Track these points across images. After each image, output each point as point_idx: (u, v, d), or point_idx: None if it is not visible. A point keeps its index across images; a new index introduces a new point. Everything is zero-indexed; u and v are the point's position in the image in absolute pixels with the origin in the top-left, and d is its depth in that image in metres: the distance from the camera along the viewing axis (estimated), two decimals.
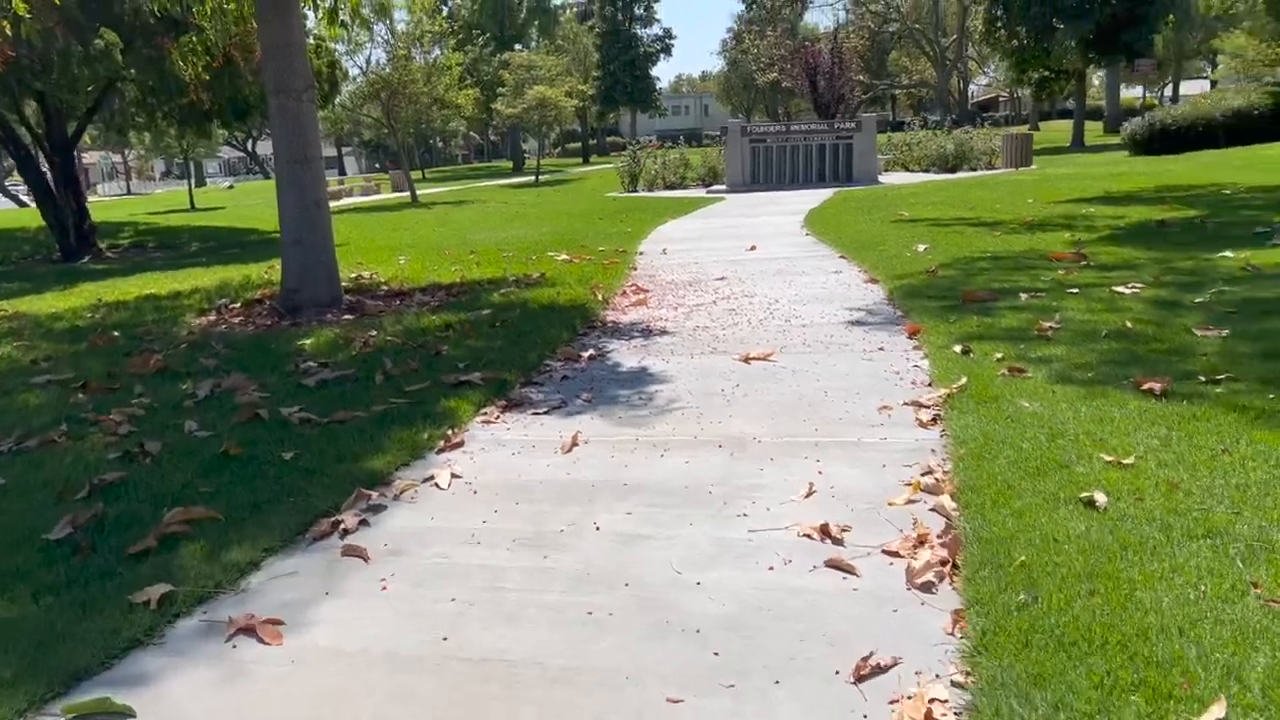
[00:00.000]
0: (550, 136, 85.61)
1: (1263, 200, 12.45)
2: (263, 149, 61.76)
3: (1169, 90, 75.32)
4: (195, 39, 12.52)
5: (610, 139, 79.79)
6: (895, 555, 3.15)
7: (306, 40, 10.76)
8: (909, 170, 26.76)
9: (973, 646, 2.51)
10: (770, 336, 6.51)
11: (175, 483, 4.15)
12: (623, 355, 6.23)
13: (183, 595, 3.11)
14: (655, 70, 69.48)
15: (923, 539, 3.22)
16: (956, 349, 5.50)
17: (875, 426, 4.45)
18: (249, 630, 2.89)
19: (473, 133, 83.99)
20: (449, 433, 4.66)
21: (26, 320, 9.34)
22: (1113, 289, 6.83)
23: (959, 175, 24.01)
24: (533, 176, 40.45)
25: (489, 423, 4.90)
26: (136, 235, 21.52)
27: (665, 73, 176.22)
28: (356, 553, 3.43)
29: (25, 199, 36.14)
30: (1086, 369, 4.90)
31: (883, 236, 11.30)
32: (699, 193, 23.79)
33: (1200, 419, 4.00)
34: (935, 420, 4.43)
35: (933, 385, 5.00)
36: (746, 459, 4.14)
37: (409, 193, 28.50)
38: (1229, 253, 8.13)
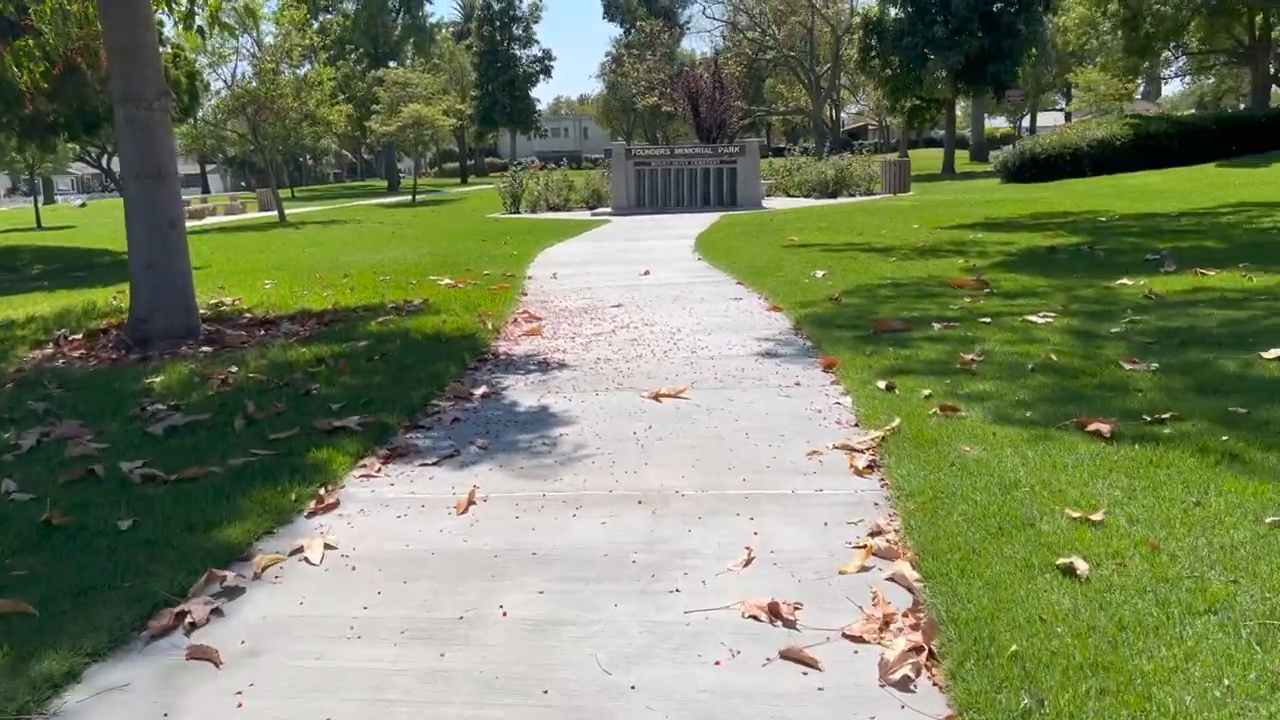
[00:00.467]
0: (427, 156, 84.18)
1: (1139, 227, 12.74)
2: (119, 164, 58.55)
3: (1026, 121, 79.20)
4: (33, 43, 11.38)
5: (489, 159, 78.93)
6: (859, 640, 2.69)
7: (162, 47, 9.87)
8: (790, 195, 26.94)
9: None
10: (678, 370, 6.05)
11: None
12: (520, 392, 5.66)
13: None
14: (535, 91, 69.17)
15: (888, 619, 2.77)
16: (880, 385, 5.14)
17: (808, 475, 4.01)
18: None
19: (345, 151, 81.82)
20: (321, 491, 4.00)
21: None
22: (1025, 318, 6.64)
23: (840, 200, 24.26)
24: (409, 196, 39.34)
25: (369, 477, 4.26)
26: None
27: (545, 94, 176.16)
28: (205, 655, 2.77)
29: None
30: (1023, 407, 4.59)
31: (777, 262, 11.04)
32: (584, 215, 23.34)
33: (1159, 465, 3.70)
34: (872, 467, 4.03)
35: (861, 426, 4.61)
36: (671, 517, 3.63)
37: (277, 212, 27.15)
38: (1127, 280, 8.10)
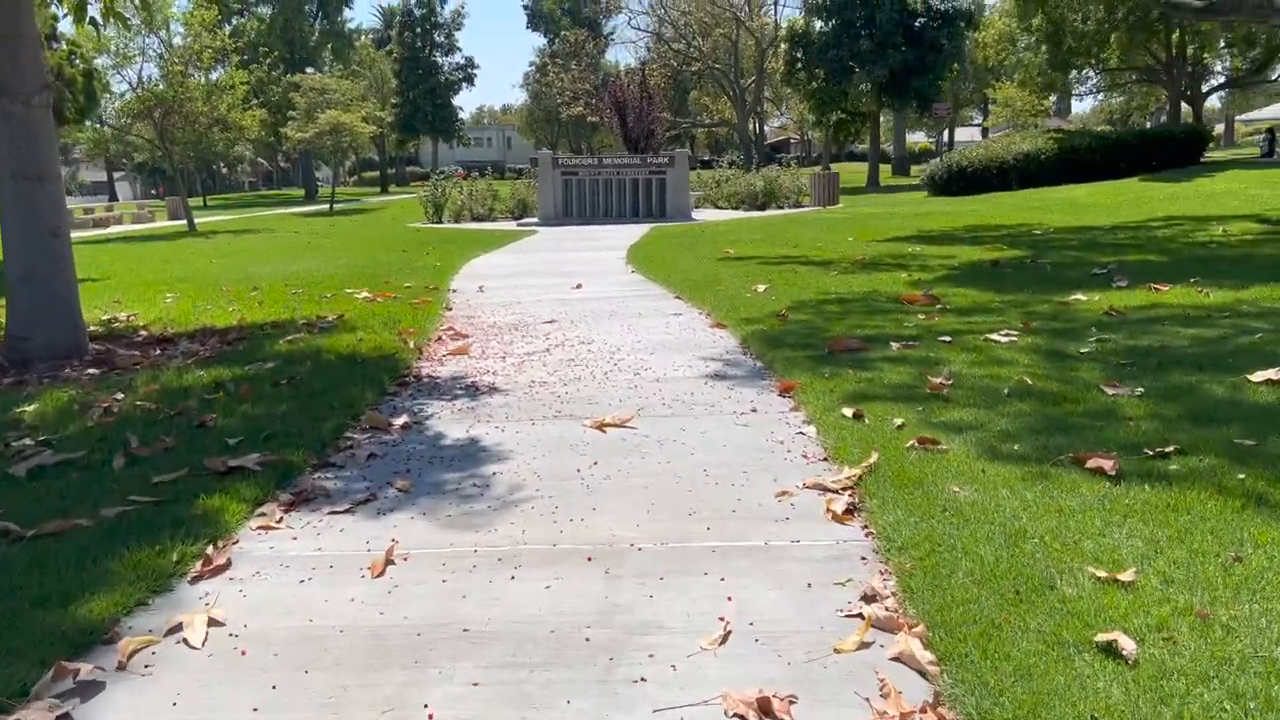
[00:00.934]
0: (346, 164, 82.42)
1: (1077, 241, 12.62)
2: None
3: (945, 136, 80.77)
4: None
5: (410, 168, 77.53)
6: None
7: (57, 43, 9.03)
8: (719, 207, 26.69)
9: None
10: (622, 394, 5.51)
11: None
12: (446, 422, 5.06)
13: None
14: (457, 99, 68.10)
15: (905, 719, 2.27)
16: (846, 412, 4.68)
17: (780, 522, 3.51)
18: None
19: (261, 158, 79.63)
20: (210, 550, 3.36)
21: None
22: (987, 337, 6.26)
23: (769, 213, 24.04)
24: (326, 205, 38.16)
25: (268, 529, 3.63)
26: None
27: (468, 103, 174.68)
28: None
29: None
30: (1008, 439, 4.16)
31: (715, 275, 10.58)
32: (509, 225, 22.71)
33: (1178, 510, 3.28)
34: (851, 512, 3.54)
35: (831, 461, 4.13)
36: (627, 577, 3.09)
37: (186, 221, 25.88)
38: (1080, 295, 7.83)
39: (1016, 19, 32.10)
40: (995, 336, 6.24)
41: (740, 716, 2.32)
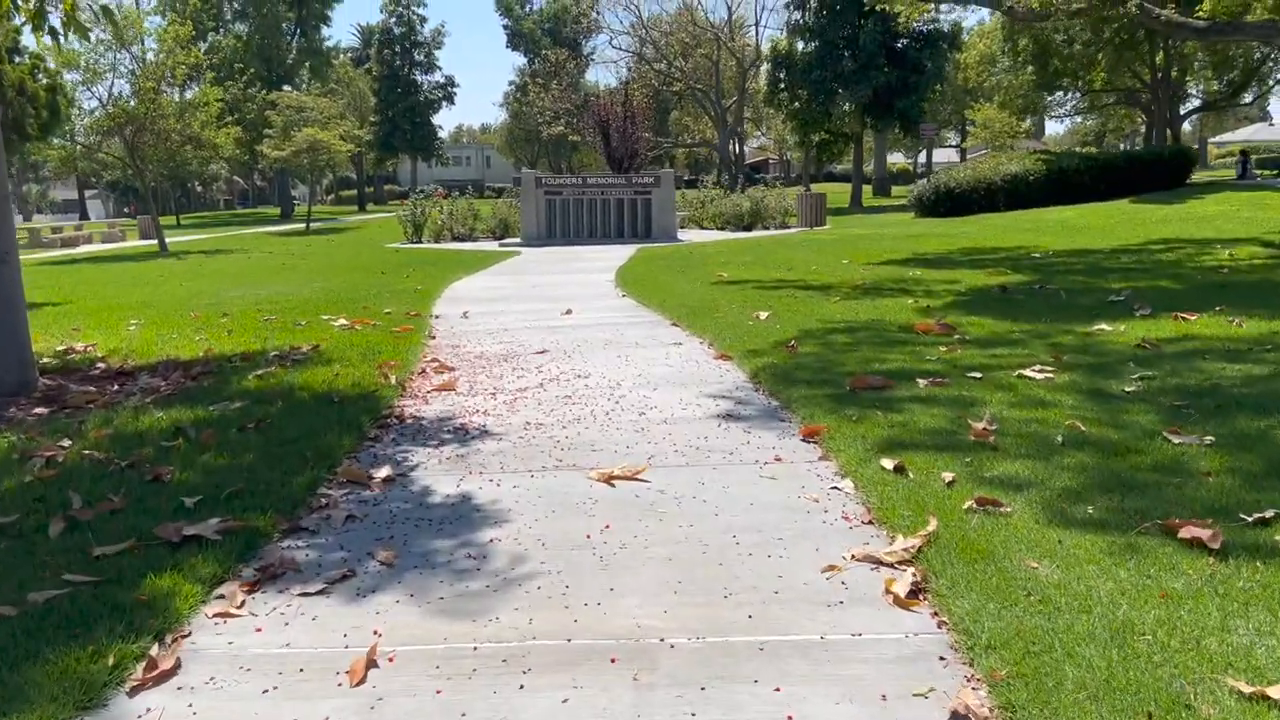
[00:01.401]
0: (324, 183, 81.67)
1: (1080, 265, 12.24)
2: None
3: (923, 157, 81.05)
4: None
5: (388, 187, 76.94)
6: None
7: (19, 56, 8.46)
8: (703, 228, 26.27)
9: None
10: (627, 438, 4.98)
11: None
12: (433, 474, 4.51)
13: None
14: (437, 118, 67.66)
15: None
16: (885, 464, 4.17)
17: (833, 608, 2.99)
18: None
19: (236, 176, 78.78)
20: (155, 649, 2.79)
21: None
22: (1020, 373, 5.78)
23: (756, 234, 23.63)
24: (303, 224, 37.50)
25: (227, 616, 3.06)
26: None
27: (447, 122, 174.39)
28: None
29: None
30: (1076, 499, 3.66)
31: (712, 301, 10.09)
32: (491, 246, 22.17)
33: None
34: (917, 594, 3.02)
35: (878, 525, 3.62)
36: (662, 688, 2.56)
37: (157, 240, 25.16)
38: (1104, 325, 7.38)
39: (1001, 40, 31.98)
40: (1029, 373, 5.76)
41: None
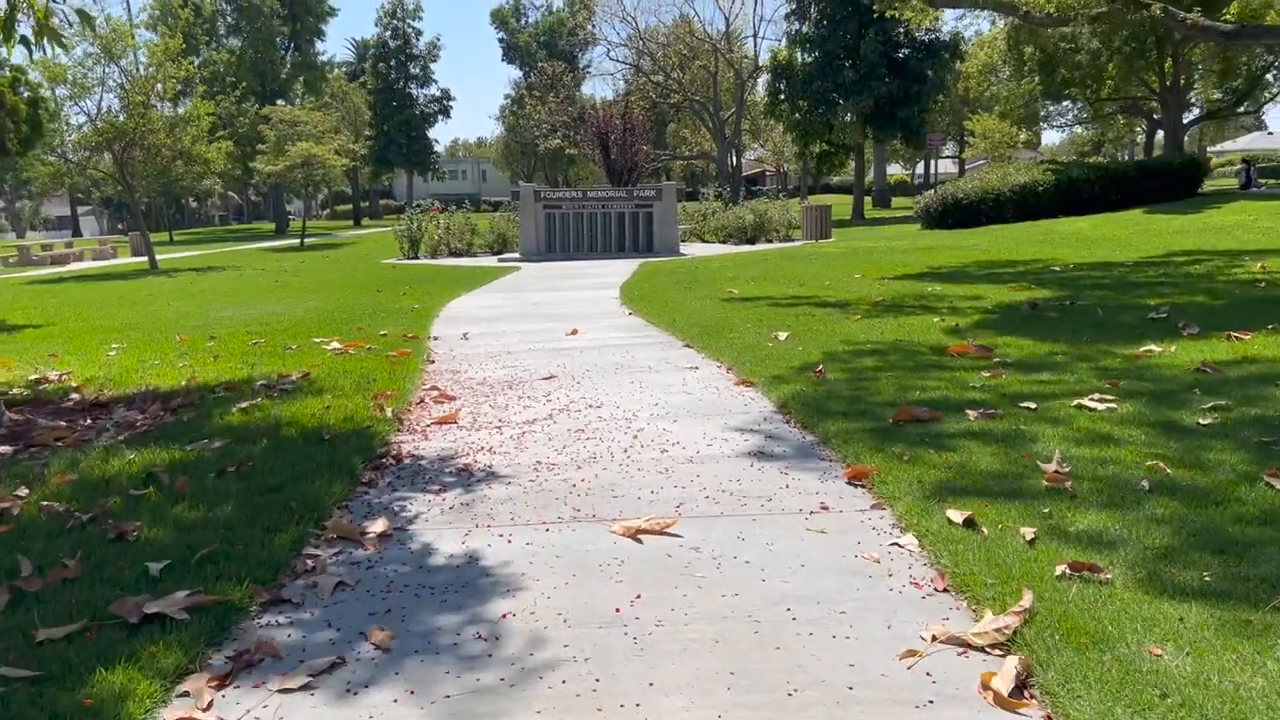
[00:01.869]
0: (319, 197, 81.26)
1: (1104, 278, 11.76)
2: None
3: (922, 168, 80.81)
4: None
5: (384, 201, 76.56)
6: None
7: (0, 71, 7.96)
8: (705, 241, 25.83)
9: None
10: (650, 480, 4.47)
11: None
12: (434, 526, 3.99)
13: None
14: (432, 132, 67.30)
15: None
16: (952, 516, 3.65)
17: (921, 709, 2.47)
18: None
19: (231, 192, 78.40)
20: None
21: None
22: (1080, 404, 5.27)
23: (760, 247, 23.17)
24: (297, 239, 37.00)
25: None
26: None
27: (443, 136, 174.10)
28: None
29: None
30: (1184, 561, 3.15)
31: (725, 319, 9.59)
32: (490, 261, 21.69)
33: None
34: (1022, 690, 2.51)
35: (955, 593, 3.11)
36: None
37: (148, 258, 24.64)
38: (1153, 346, 6.88)
39: (1004, 49, 31.62)
40: (1087, 403, 5.25)
41: None
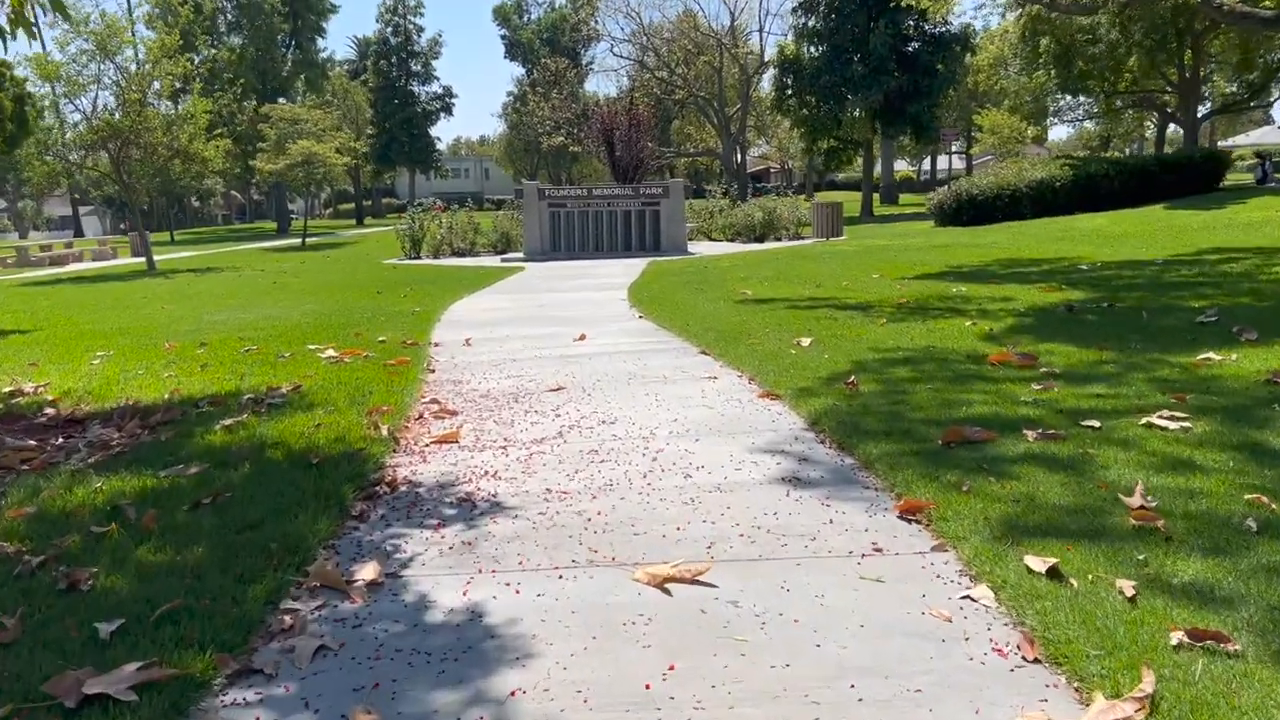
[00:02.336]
0: (321, 196, 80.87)
1: (1136, 277, 11.24)
2: None
3: (927, 164, 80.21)
4: None
5: (386, 200, 76.14)
6: None
7: None
8: (713, 239, 25.32)
9: None
10: (675, 515, 3.97)
11: None
12: (432, 572, 3.50)
13: None
14: (435, 130, 66.83)
15: None
16: (1031, 564, 3.15)
17: None
18: None
19: (234, 191, 78.03)
20: None
21: None
22: (1149, 421, 4.76)
23: (770, 245, 22.66)
24: (299, 239, 36.53)
25: None
26: None
27: (445, 133, 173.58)
28: None
29: None
30: None
31: (741, 323, 9.10)
32: (493, 261, 21.20)
33: None
34: None
35: (1050, 665, 2.61)
36: None
37: (145, 258, 24.17)
38: (1212, 354, 6.37)
39: (1017, 41, 31.04)
40: (1157, 421, 4.74)
41: None
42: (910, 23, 34.91)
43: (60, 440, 5.69)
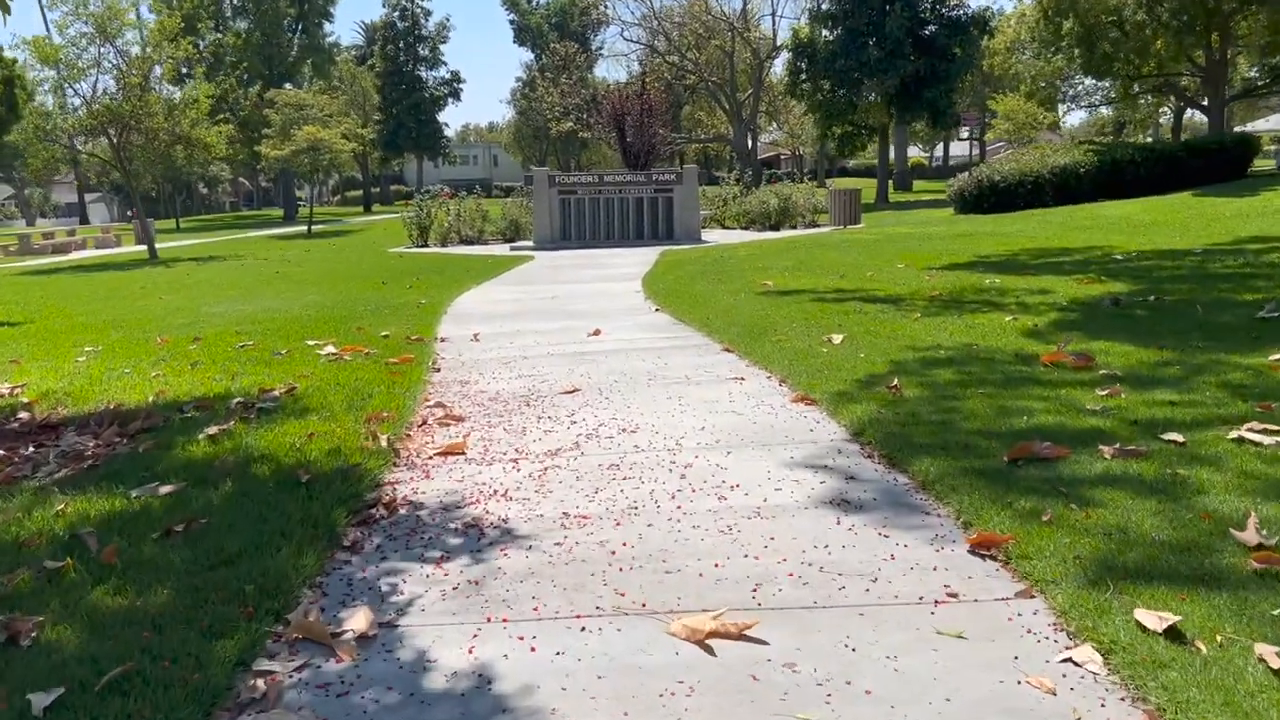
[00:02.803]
0: (330, 183, 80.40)
1: (1179, 268, 10.68)
2: None
3: (940, 151, 79.27)
4: None
5: (394, 187, 75.60)
6: None
7: None
8: (726, 227, 24.75)
9: None
10: (712, 547, 3.48)
11: None
12: (433, 622, 3.00)
13: None
14: (443, 115, 66.20)
15: None
16: (1144, 620, 2.65)
17: None
18: None
19: (242, 178, 77.61)
20: None
21: None
22: (1241, 435, 4.24)
23: (785, 233, 22.10)
24: (305, 226, 36.07)
25: None
26: None
27: (454, 119, 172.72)
28: None
29: None
30: None
31: (766, 317, 8.59)
32: (502, 249, 20.70)
33: None
34: None
35: None
36: None
37: (147, 247, 23.71)
38: None
39: (1038, 23, 30.28)
40: (1248, 435, 4.22)
41: None
42: (927, 5, 34.23)
43: (30, 450, 5.22)
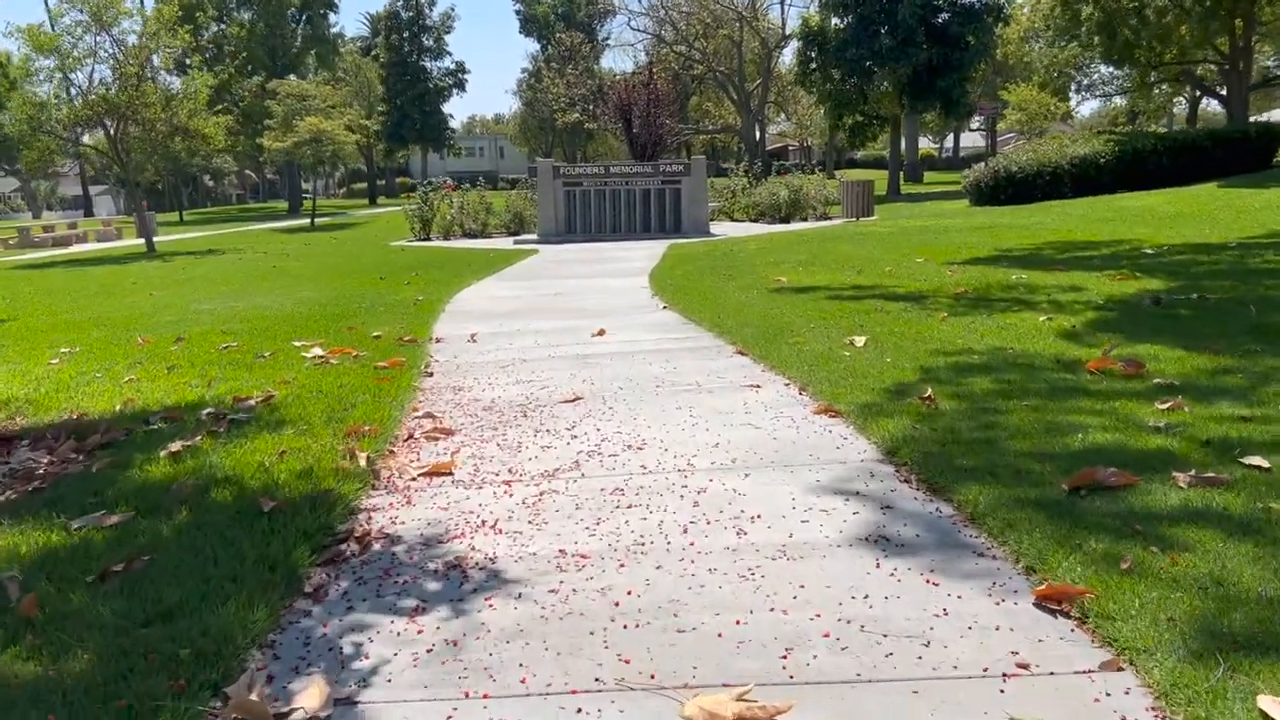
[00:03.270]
0: (335, 175, 79.97)
1: (1216, 263, 10.13)
2: None
3: (949, 142, 78.49)
4: None
5: (400, 179, 75.14)
6: None
7: None
8: (735, 220, 24.23)
9: None
10: (730, 597, 2.98)
11: None
12: (400, 695, 2.51)
13: None
14: (447, 107, 65.62)
15: None
16: (1269, 710, 2.15)
17: None
18: None
19: (247, 170, 77.24)
20: None
21: None
22: None
23: (796, 226, 21.56)
24: (309, 219, 35.60)
25: None
26: None
27: (459, 111, 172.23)
28: None
29: None
30: None
31: (780, 317, 8.08)
32: (505, 243, 20.20)
33: None
34: None
35: None
36: None
37: (145, 240, 23.25)
38: None
39: (1050, 10, 29.58)
40: None
41: None
42: None
43: None
